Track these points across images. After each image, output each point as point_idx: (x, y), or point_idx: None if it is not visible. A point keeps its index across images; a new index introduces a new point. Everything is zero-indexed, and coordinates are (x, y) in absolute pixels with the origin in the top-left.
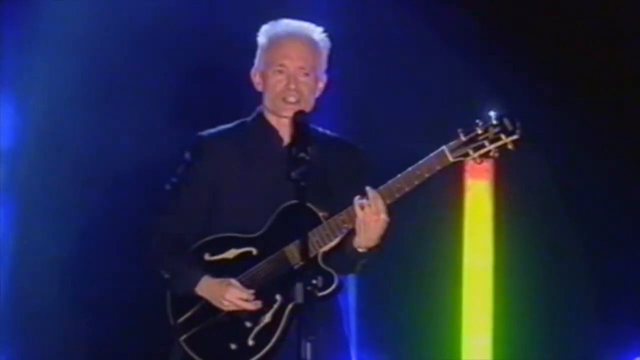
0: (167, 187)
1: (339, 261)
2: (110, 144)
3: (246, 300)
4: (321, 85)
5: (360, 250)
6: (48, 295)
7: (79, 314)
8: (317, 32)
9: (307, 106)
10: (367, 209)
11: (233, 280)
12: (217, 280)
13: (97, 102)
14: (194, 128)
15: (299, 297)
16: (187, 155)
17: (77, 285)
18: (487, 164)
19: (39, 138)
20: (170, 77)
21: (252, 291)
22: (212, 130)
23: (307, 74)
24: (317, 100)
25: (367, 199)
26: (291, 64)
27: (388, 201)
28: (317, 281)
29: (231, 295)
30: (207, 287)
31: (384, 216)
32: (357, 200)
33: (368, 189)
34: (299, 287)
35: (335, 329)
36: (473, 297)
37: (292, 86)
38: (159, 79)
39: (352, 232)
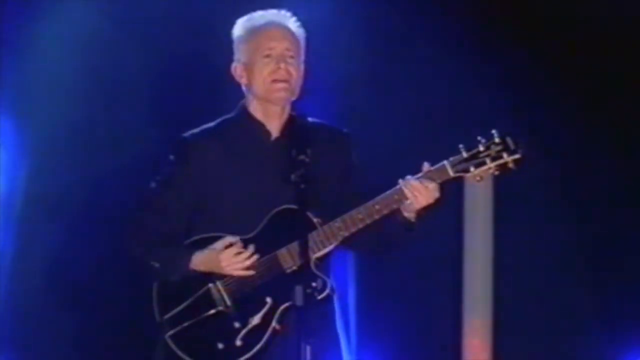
0: (152, 184)
1: (391, 234)
2: (108, 144)
3: (241, 254)
4: (302, 73)
5: (412, 219)
6: (49, 296)
7: (80, 315)
8: (292, 20)
9: (295, 90)
10: (419, 193)
11: (217, 244)
12: (205, 252)
13: (94, 102)
14: (185, 129)
15: (299, 300)
16: (172, 156)
17: (78, 287)
18: None
19: (37, 139)
20: (167, 78)
21: (237, 238)
22: (195, 131)
23: (292, 57)
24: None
25: (419, 181)
26: (278, 45)
27: (376, 216)
28: (316, 284)
29: (227, 260)
30: (201, 262)
31: (437, 194)
32: (409, 179)
33: (424, 167)
34: (298, 289)
35: (329, 327)
36: (473, 297)
37: (282, 65)
38: (158, 79)
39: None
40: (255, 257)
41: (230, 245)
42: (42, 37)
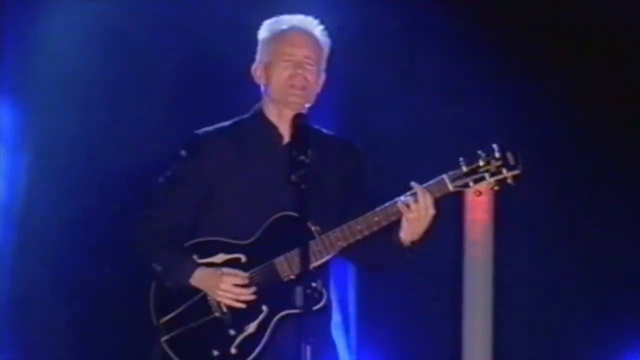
0: (161, 179)
1: (385, 255)
2: (110, 145)
3: (242, 286)
4: (321, 81)
5: (406, 245)
6: (49, 297)
7: (80, 316)
8: (319, 28)
9: (311, 97)
10: (413, 206)
11: (225, 269)
12: (210, 270)
13: (95, 100)
14: (194, 128)
15: (299, 300)
16: (183, 152)
17: (79, 287)
18: None
19: (38, 140)
20: (171, 77)
21: (246, 274)
22: (208, 128)
23: (312, 64)
24: (317, 97)
25: (413, 196)
26: (299, 52)
27: (375, 227)
28: (317, 284)
29: (226, 284)
30: (201, 278)
31: (431, 211)
32: (401, 199)
33: (414, 184)
34: (298, 290)
35: (324, 330)
36: (473, 298)
37: (300, 71)
38: (159, 79)
39: (396, 227)
40: (252, 297)
41: (236, 275)
42: (48, 34)
